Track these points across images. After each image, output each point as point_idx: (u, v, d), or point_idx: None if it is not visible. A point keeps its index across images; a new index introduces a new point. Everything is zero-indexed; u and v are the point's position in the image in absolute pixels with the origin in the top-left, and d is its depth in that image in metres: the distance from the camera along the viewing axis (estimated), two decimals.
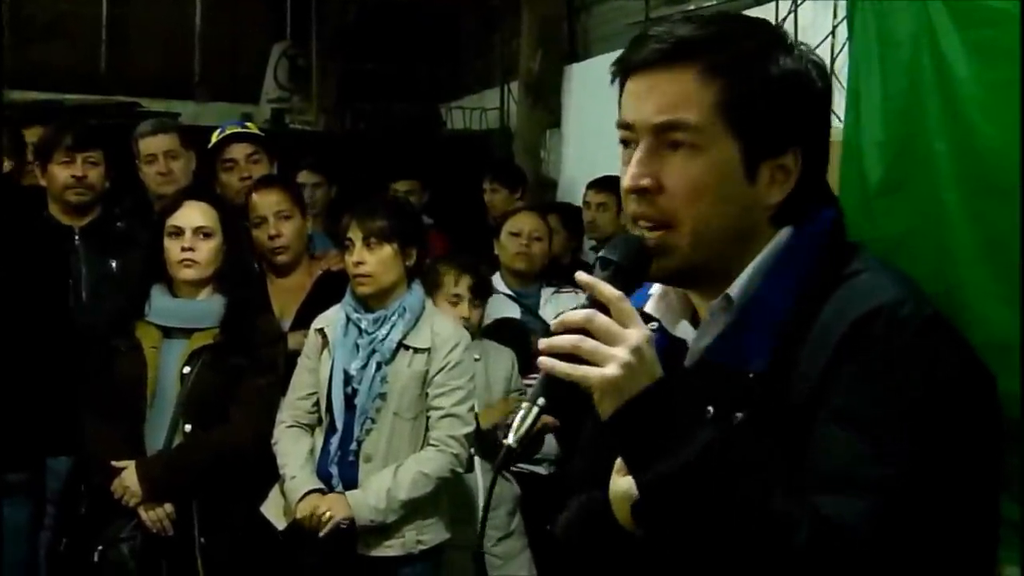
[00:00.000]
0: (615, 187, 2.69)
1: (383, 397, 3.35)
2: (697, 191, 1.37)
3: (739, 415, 1.36)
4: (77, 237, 3.94)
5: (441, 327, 3.45)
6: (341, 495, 3.30)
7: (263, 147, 4.38)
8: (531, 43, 6.66)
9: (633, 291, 1.39)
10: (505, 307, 4.39)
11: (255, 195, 3.94)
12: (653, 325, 1.48)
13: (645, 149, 1.39)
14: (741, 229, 1.41)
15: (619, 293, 1.32)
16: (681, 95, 1.37)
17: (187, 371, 3.35)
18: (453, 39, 8.92)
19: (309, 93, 9.46)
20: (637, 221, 1.41)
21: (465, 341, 3.50)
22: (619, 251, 1.39)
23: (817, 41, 3.61)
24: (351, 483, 3.32)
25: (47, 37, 9.43)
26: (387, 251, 3.39)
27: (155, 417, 3.35)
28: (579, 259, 5.31)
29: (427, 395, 3.39)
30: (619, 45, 1.50)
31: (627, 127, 1.42)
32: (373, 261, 3.38)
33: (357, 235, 3.41)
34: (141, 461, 3.31)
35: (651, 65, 1.39)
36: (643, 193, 1.39)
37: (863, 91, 3.13)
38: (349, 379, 3.37)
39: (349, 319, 3.42)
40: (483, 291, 3.95)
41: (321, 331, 3.47)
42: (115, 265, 3.90)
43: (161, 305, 3.43)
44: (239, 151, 4.32)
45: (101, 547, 3.29)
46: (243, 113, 8.15)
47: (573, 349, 1.28)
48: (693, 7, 4.76)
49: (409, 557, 3.34)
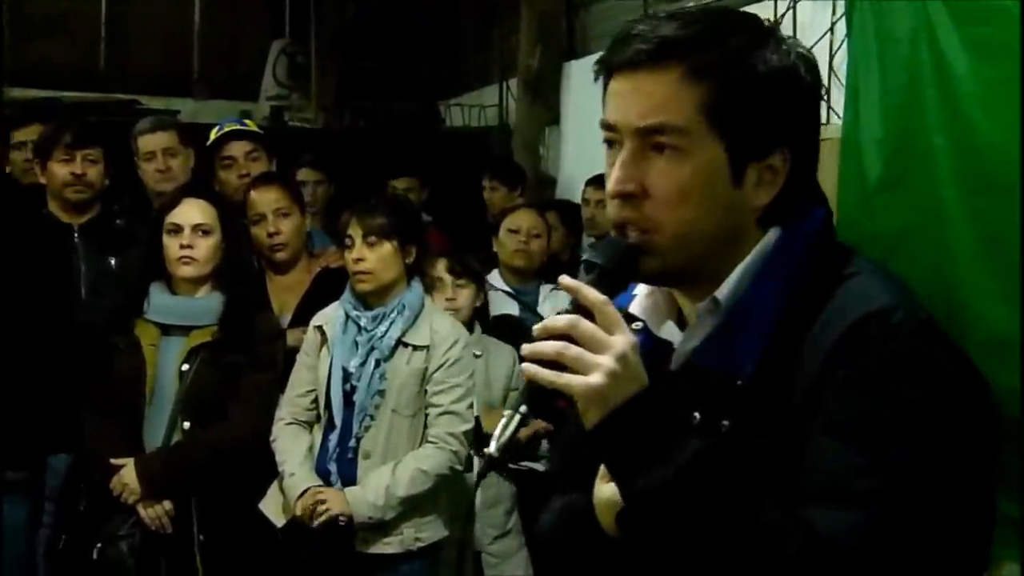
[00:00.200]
0: None
1: (382, 394, 3.34)
2: (682, 196, 1.34)
3: (726, 422, 1.33)
4: (76, 235, 3.94)
5: (440, 324, 3.45)
6: (340, 491, 3.30)
7: (262, 145, 4.37)
8: (530, 40, 6.65)
9: (618, 295, 1.36)
10: (504, 304, 4.39)
11: (254, 193, 3.93)
12: (638, 325, 1.45)
13: (629, 152, 1.36)
14: (727, 231, 1.37)
15: (604, 298, 1.28)
16: (665, 97, 1.33)
17: (186, 368, 3.35)
18: (452, 36, 8.91)
19: (308, 90, 9.45)
20: (622, 227, 1.37)
21: (464, 338, 3.49)
22: (603, 254, 1.36)
23: (816, 38, 3.61)
24: (350, 480, 3.32)
25: (46, 34, 9.42)
26: (387, 248, 3.39)
27: (154, 414, 3.35)
28: (578, 256, 5.30)
29: (426, 392, 3.39)
30: None
31: (610, 128, 1.39)
32: (373, 258, 3.38)
33: (357, 232, 3.40)
34: (140, 458, 3.31)
35: (635, 66, 1.35)
36: (628, 198, 1.36)
37: (862, 88, 3.14)
38: (348, 376, 3.37)
39: (348, 316, 3.42)
40: (465, 269, 3.91)
41: (320, 328, 3.47)
42: (114, 262, 3.90)
43: (160, 302, 3.43)
44: (238, 149, 4.31)
45: (100, 544, 3.29)
46: (242, 111, 8.14)
47: (557, 356, 1.25)
48: (693, 4, 4.75)
49: (407, 554, 3.34)
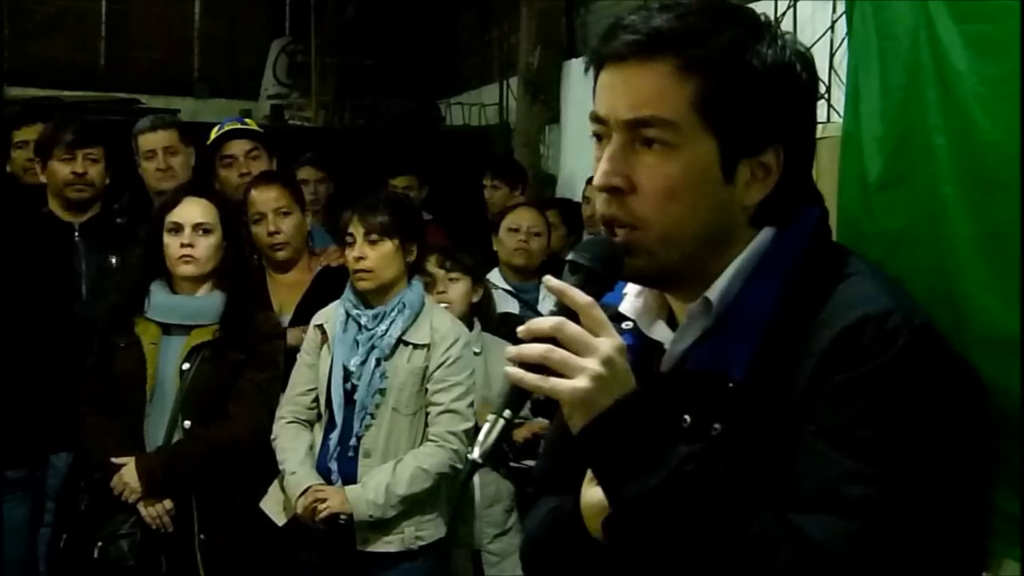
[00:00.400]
0: None
1: (382, 393, 3.34)
2: (671, 193, 1.30)
3: (717, 426, 1.29)
4: (77, 233, 3.95)
5: (440, 323, 3.45)
6: (340, 490, 3.30)
7: (262, 143, 4.37)
8: (530, 38, 6.66)
9: (604, 296, 1.32)
10: (504, 302, 4.39)
11: (254, 191, 3.93)
12: (628, 324, 1.42)
13: (617, 146, 1.32)
14: (717, 230, 1.33)
15: (589, 299, 1.25)
16: (656, 90, 1.29)
17: (186, 367, 3.35)
18: (452, 35, 8.92)
19: (308, 89, 9.46)
20: (609, 224, 1.34)
21: (465, 337, 3.49)
22: (589, 254, 1.31)
23: (816, 36, 3.61)
24: (350, 479, 3.32)
25: (47, 33, 9.44)
26: (388, 247, 3.39)
27: (154, 413, 3.35)
28: None
29: (426, 391, 3.39)
30: None
31: (600, 121, 1.34)
32: (374, 256, 3.38)
33: (358, 230, 3.40)
34: (141, 457, 3.31)
35: (625, 58, 1.31)
36: (615, 193, 1.32)
37: (862, 86, 3.13)
38: (348, 375, 3.37)
39: (349, 315, 3.42)
40: (455, 263, 3.90)
41: (320, 327, 3.47)
42: (115, 261, 3.90)
43: (160, 301, 3.43)
44: (238, 147, 4.31)
45: (101, 543, 3.29)
46: (242, 109, 8.16)
47: (542, 359, 1.22)
48: None
49: (408, 553, 3.34)
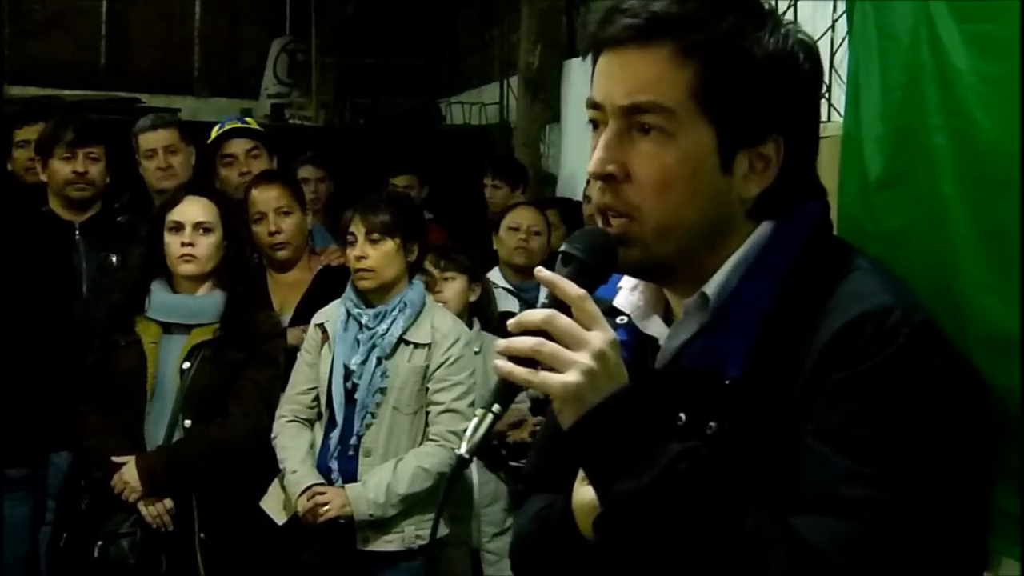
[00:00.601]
0: None
1: (383, 392, 3.35)
2: (667, 182, 1.26)
3: (713, 425, 1.26)
4: (77, 232, 3.95)
5: (441, 322, 3.45)
6: (341, 489, 3.30)
7: (262, 142, 4.37)
8: (530, 38, 6.65)
9: (597, 289, 1.28)
10: (505, 301, 4.39)
11: (255, 191, 3.93)
12: (622, 319, 1.39)
13: (613, 132, 1.28)
14: (714, 222, 1.29)
15: (582, 292, 1.21)
16: (653, 76, 1.26)
17: (187, 366, 3.35)
18: (452, 34, 8.92)
19: (308, 88, 9.46)
20: (603, 212, 1.30)
21: (465, 336, 3.49)
22: (582, 245, 1.28)
23: (816, 36, 3.60)
24: (351, 477, 3.32)
25: (47, 32, 9.44)
26: (389, 246, 3.39)
27: (155, 412, 3.35)
28: None
29: (427, 390, 3.39)
30: None
31: (596, 107, 1.31)
32: (375, 256, 3.38)
33: (360, 230, 3.40)
34: (141, 456, 3.31)
35: (622, 42, 1.27)
36: (609, 180, 1.28)
37: (863, 85, 3.13)
38: (349, 374, 3.37)
39: (350, 314, 3.42)
40: (450, 262, 3.90)
41: (321, 326, 3.47)
42: (115, 260, 3.90)
43: (161, 300, 3.43)
44: (238, 146, 4.31)
45: (101, 542, 3.29)
46: (243, 108, 8.16)
47: (532, 353, 1.19)
48: None
49: (408, 552, 3.34)
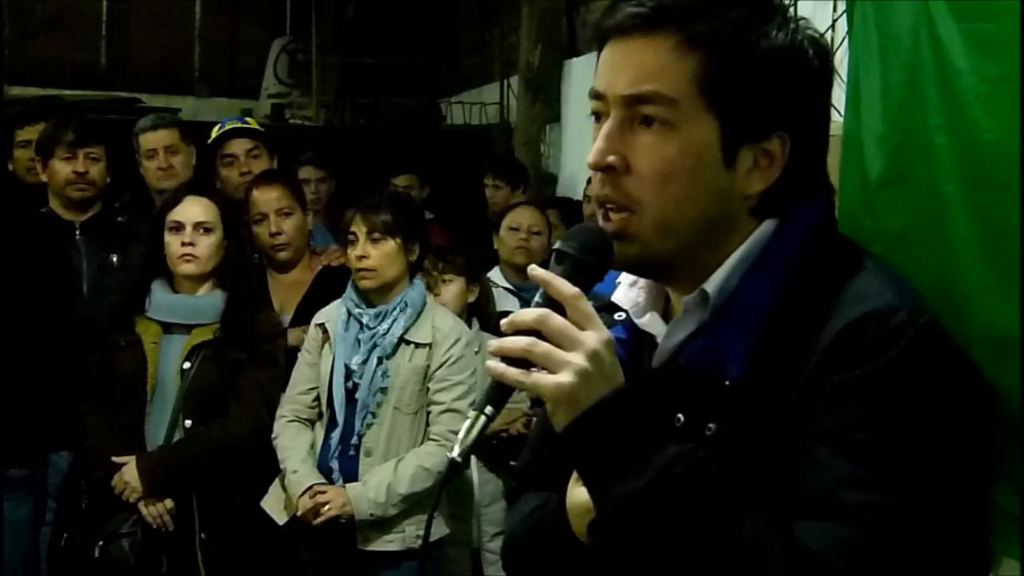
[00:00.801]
0: None
1: (384, 392, 3.34)
2: (667, 174, 1.24)
3: (712, 426, 1.23)
4: (78, 232, 3.95)
5: (442, 322, 3.45)
6: (341, 488, 3.30)
7: (263, 142, 4.37)
8: (530, 38, 6.66)
9: (592, 287, 1.26)
10: (505, 301, 4.39)
11: (256, 192, 3.93)
12: (620, 316, 1.36)
13: (614, 123, 1.26)
14: (715, 219, 1.27)
15: (576, 290, 1.19)
16: (657, 66, 1.23)
17: (187, 366, 3.35)
18: (452, 34, 8.93)
19: (309, 88, 9.47)
20: (602, 205, 1.28)
21: (466, 336, 3.49)
22: (576, 242, 1.25)
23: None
24: (352, 477, 3.32)
25: (48, 33, 9.44)
26: (390, 245, 3.39)
27: (155, 412, 3.35)
28: None
29: (428, 390, 3.39)
30: None
31: (598, 97, 1.29)
32: (376, 255, 3.38)
33: (361, 229, 3.40)
34: (141, 456, 3.31)
35: (627, 32, 1.26)
36: (608, 171, 1.26)
37: (863, 85, 3.12)
38: (350, 374, 3.37)
39: (350, 314, 3.42)
40: (448, 264, 3.89)
41: (322, 326, 3.47)
42: (115, 260, 3.90)
43: (161, 300, 3.43)
44: (239, 146, 4.31)
45: (102, 542, 3.29)
46: (243, 108, 8.17)
47: (524, 353, 1.16)
48: None
49: (409, 552, 3.34)
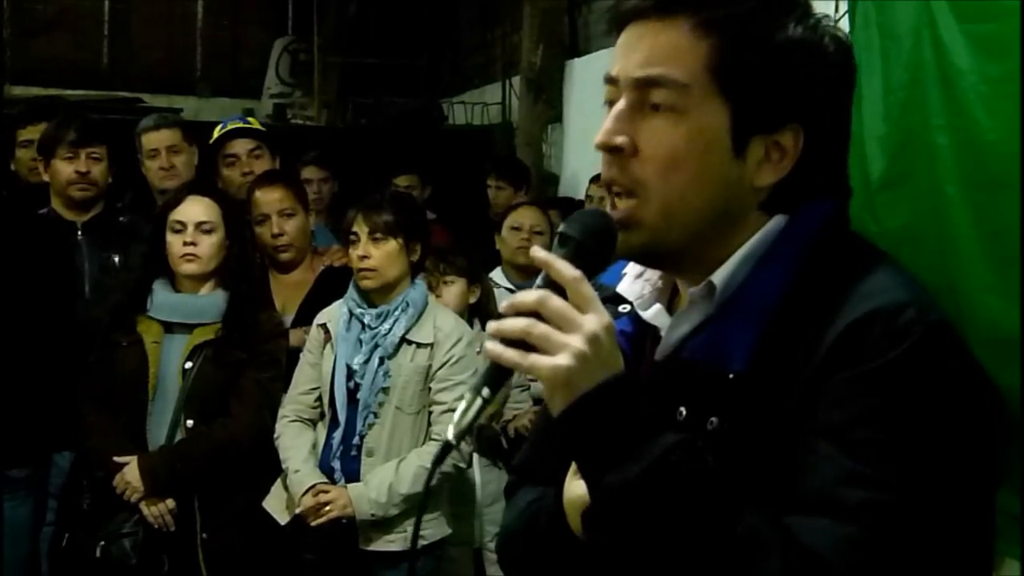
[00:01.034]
0: None
1: (386, 391, 3.34)
2: (675, 159, 1.22)
3: (714, 420, 1.22)
4: (80, 232, 3.95)
5: (444, 322, 3.45)
6: (343, 488, 3.30)
7: (265, 142, 4.37)
8: (532, 38, 6.67)
9: (596, 273, 1.24)
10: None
11: (258, 192, 3.92)
12: (625, 308, 1.35)
13: (625, 105, 1.25)
14: (723, 210, 1.25)
15: (577, 273, 1.16)
16: (670, 49, 1.23)
17: (189, 366, 3.35)
18: (454, 34, 8.93)
19: (311, 88, 9.48)
20: (608, 187, 1.27)
21: (468, 336, 3.49)
22: (579, 225, 1.23)
23: None
24: (353, 477, 3.32)
25: (49, 32, 9.45)
26: (392, 245, 3.39)
27: (157, 412, 3.35)
28: None
29: (429, 390, 3.39)
30: None
31: (611, 81, 1.27)
32: (378, 255, 3.38)
33: (363, 229, 3.40)
34: (143, 456, 3.31)
35: (643, 14, 1.25)
36: (615, 152, 1.25)
37: (865, 85, 3.14)
38: (352, 374, 3.37)
39: (352, 314, 3.42)
40: (449, 265, 3.89)
41: (324, 326, 3.47)
42: (117, 260, 3.90)
43: (163, 300, 3.43)
44: (241, 146, 4.31)
45: (103, 542, 3.29)
46: (245, 108, 8.17)
47: (522, 335, 1.14)
48: None
49: (410, 552, 3.34)
